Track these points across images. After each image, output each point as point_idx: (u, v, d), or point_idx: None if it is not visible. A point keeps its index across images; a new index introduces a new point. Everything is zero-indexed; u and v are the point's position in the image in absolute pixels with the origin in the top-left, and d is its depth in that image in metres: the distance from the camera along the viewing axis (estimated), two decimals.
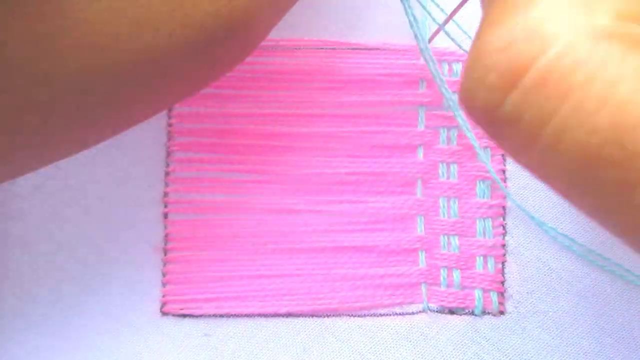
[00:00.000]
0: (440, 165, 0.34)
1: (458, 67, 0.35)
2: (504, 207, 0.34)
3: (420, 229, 0.34)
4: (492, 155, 0.34)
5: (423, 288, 0.34)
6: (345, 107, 0.34)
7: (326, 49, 0.35)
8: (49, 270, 0.33)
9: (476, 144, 0.33)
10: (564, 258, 0.34)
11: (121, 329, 0.33)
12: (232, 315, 0.33)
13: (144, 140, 0.34)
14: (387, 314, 0.33)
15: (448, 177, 0.34)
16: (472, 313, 0.33)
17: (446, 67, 0.35)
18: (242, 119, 0.34)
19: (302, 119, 0.34)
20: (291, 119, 0.34)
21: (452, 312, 0.33)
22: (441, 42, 0.34)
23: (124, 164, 0.34)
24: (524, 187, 0.34)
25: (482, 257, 0.34)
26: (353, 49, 0.35)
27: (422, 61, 0.34)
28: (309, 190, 0.34)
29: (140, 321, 0.33)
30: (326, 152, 0.34)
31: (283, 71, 0.34)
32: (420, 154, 0.34)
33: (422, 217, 0.34)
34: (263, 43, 0.34)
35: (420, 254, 0.34)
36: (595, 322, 0.33)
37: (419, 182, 0.34)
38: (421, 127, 0.34)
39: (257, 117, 0.34)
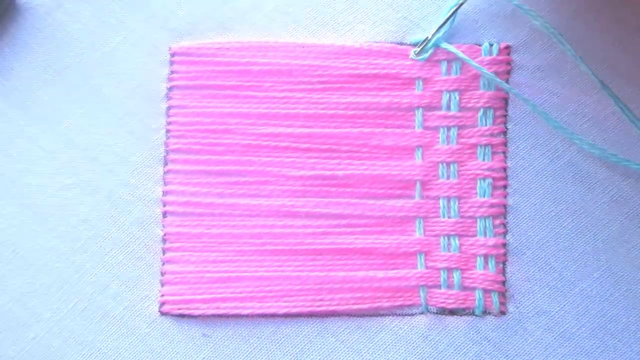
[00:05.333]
0: (440, 165, 0.34)
1: (458, 65, 0.34)
2: (505, 206, 0.33)
3: (419, 232, 0.34)
4: (494, 153, 0.34)
5: (422, 291, 0.33)
6: (342, 108, 0.34)
7: (323, 50, 0.35)
8: (47, 272, 0.34)
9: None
10: (566, 257, 0.33)
11: (119, 329, 0.33)
12: (230, 315, 0.33)
13: (142, 140, 0.34)
14: (386, 315, 0.33)
15: (448, 177, 0.34)
16: (473, 314, 0.33)
17: (445, 65, 0.34)
18: (240, 119, 0.34)
19: (299, 120, 0.34)
20: (289, 120, 0.34)
21: (452, 313, 0.33)
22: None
23: (122, 165, 0.34)
24: (526, 184, 0.33)
25: (482, 257, 0.33)
26: (349, 50, 0.35)
27: (418, 60, 0.34)
28: (307, 191, 0.34)
29: (138, 321, 0.33)
30: (324, 153, 0.34)
31: (280, 72, 0.35)
32: (419, 157, 0.34)
33: (421, 220, 0.34)
34: (262, 43, 0.35)
35: (419, 256, 0.33)
36: (599, 322, 0.32)
37: (418, 185, 0.34)
38: (419, 129, 0.34)
39: (255, 118, 0.34)
